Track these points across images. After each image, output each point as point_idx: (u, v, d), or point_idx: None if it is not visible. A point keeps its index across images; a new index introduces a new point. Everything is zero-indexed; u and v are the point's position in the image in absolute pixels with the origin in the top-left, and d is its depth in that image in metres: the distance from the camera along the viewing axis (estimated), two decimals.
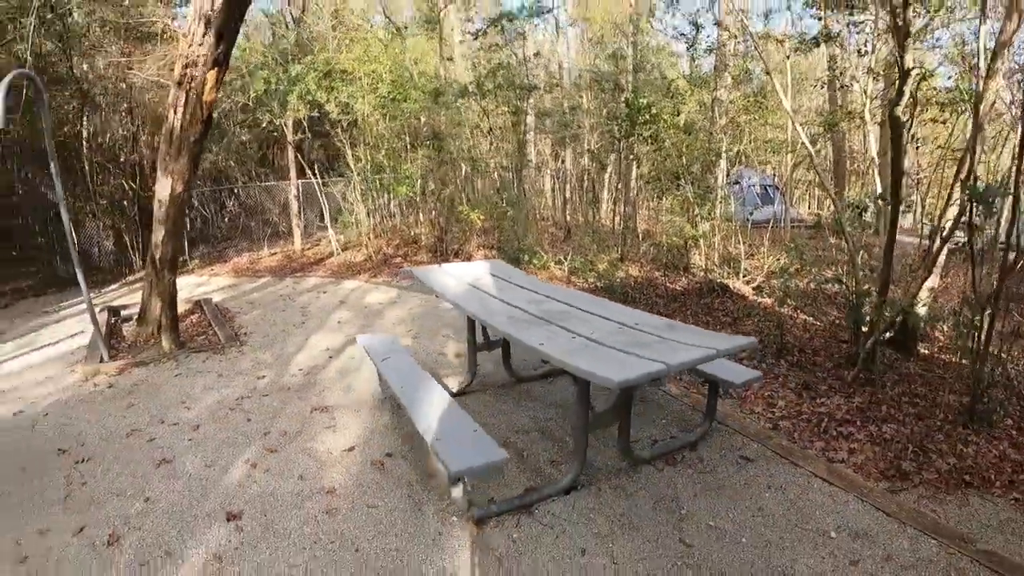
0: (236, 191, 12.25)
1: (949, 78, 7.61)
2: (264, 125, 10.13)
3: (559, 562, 2.49)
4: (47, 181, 11.53)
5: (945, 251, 4.70)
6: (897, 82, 4.30)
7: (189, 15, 6.78)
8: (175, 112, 5.45)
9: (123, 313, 6.59)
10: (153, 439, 3.65)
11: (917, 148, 8.06)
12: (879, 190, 7.11)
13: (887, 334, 4.62)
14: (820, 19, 6.52)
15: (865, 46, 7.02)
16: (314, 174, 9.44)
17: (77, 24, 9.19)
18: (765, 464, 3.24)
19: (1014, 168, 3.64)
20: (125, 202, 11.32)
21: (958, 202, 4.25)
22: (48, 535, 2.76)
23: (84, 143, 10.57)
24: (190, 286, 8.45)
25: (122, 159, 11.87)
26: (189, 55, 6.25)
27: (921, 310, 4.91)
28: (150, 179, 11.95)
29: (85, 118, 10.52)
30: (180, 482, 3.16)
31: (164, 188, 5.33)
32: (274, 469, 3.27)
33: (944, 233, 4.47)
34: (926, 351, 5.20)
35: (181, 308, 6.16)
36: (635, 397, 3.68)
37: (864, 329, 4.62)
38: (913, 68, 4.29)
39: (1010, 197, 3.69)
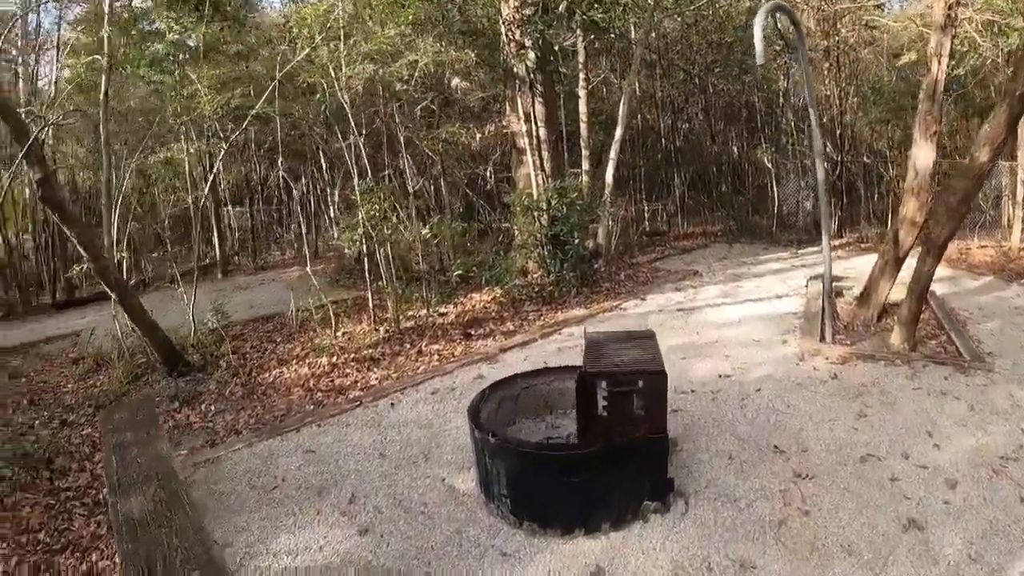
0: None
1: None
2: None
3: None
4: (738, 134, 12.58)
5: None
6: None
7: None
8: (938, 63, 4.44)
9: (834, 285, 6.19)
10: (896, 479, 3.02)
11: None
12: None
13: None
14: None
15: None
16: None
17: None
18: None
19: None
20: (827, 164, 10.98)
21: None
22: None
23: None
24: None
25: (823, 119, 11.52)
26: None
27: None
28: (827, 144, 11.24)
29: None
30: (931, 570, 2.33)
31: (924, 154, 4.51)
32: None
33: None
34: None
35: (895, 294, 5.17)
36: None
37: None
38: None
39: None
